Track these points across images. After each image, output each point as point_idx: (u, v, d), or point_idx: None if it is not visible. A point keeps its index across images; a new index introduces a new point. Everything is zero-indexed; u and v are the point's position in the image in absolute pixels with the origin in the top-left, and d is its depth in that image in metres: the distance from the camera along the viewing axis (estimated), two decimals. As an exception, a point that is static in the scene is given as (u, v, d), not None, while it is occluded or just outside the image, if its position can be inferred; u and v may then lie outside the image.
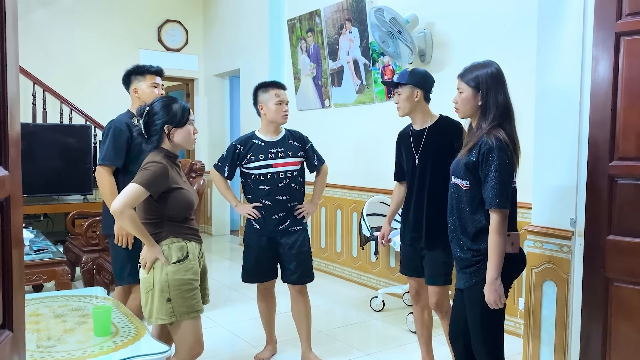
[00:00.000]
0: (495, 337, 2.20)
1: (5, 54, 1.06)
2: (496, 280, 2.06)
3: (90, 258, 4.49)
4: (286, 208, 3.04)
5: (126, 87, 3.11)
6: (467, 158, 2.14)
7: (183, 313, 2.24)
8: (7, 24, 1.07)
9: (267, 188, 3.01)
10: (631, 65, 2.23)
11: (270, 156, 3.02)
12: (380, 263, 4.77)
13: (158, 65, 3.11)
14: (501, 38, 3.67)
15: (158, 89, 3.06)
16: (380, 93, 4.67)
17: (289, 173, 3.03)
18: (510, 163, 2.07)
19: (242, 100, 6.82)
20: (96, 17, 6.86)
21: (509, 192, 2.07)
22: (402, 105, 2.76)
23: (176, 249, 2.26)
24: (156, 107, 2.29)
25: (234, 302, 4.49)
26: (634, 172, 2.23)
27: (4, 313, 1.09)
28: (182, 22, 7.44)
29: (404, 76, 2.75)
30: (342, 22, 4.94)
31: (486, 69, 2.16)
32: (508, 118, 2.12)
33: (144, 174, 2.17)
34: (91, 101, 6.60)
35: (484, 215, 2.12)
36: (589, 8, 2.36)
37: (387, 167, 4.66)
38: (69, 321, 2.47)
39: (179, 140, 2.31)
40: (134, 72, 3.07)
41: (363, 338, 3.75)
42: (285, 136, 3.11)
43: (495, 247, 2.06)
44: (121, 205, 2.11)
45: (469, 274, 2.18)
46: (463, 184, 2.18)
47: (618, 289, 2.30)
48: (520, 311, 3.50)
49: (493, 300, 2.08)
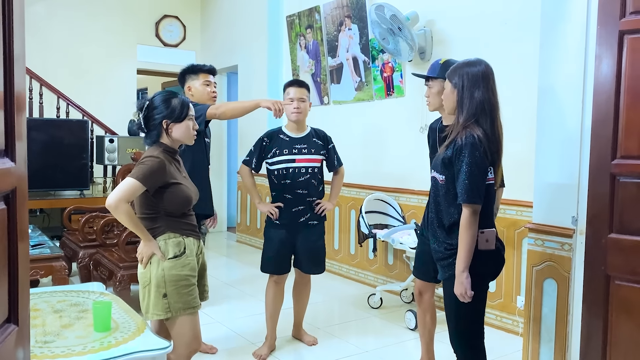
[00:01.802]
0: (469, 331, 2.22)
1: (12, 46, 1.05)
2: (463, 273, 2.07)
3: (87, 254, 4.47)
4: (305, 202, 3.17)
5: (181, 85, 3.27)
6: (444, 153, 2.17)
7: (179, 309, 2.22)
8: (15, 19, 1.06)
9: (288, 182, 3.15)
10: (634, 64, 2.22)
11: (294, 151, 3.16)
12: (378, 260, 4.76)
13: (211, 64, 3.30)
14: (502, 36, 3.67)
15: (210, 87, 3.26)
16: (380, 90, 4.66)
17: (310, 169, 3.17)
18: (483, 160, 2.07)
19: (240, 97, 6.80)
20: (94, 12, 6.82)
21: (480, 189, 2.08)
22: (433, 99, 2.73)
23: (173, 245, 2.25)
24: (156, 101, 2.28)
25: (231, 298, 4.48)
26: (636, 170, 2.23)
27: (10, 307, 1.08)
28: (179, 17, 7.42)
29: (435, 69, 2.70)
30: (341, 18, 4.92)
31: (469, 67, 2.17)
32: (484, 115, 2.12)
33: (141, 168, 2.16)
34: (88, 96, 6.57)
35: (457, 209, 2.14)
36: (592, 6, 2.36)
37: (386, 164, 4.68)
38: (68, 316, 2.46)
39: (178, 135, 2.30)
40: (188, 71, 3.26)
41: (361, 335, 3.74)
42: (310, 133, 3.25)
43: (463, 241, 2.08)
44: (116, 199, 2.10)
45: (443, 267, 2.22)
46: (440, 178, 2.21)
47: (619, 287, 2.30)
48: (519, 309, 3.51)
49: (459, 293, 2.09)
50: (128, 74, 7.11)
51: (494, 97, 2.15)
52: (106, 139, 5.94)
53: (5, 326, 1.06)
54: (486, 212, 2.14)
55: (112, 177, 6.31)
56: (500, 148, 2.16)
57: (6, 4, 1.03)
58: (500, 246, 2.21)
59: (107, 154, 5.91)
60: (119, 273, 3.87)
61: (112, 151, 5.92)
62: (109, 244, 4.44)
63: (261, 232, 6.68)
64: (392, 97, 4.58)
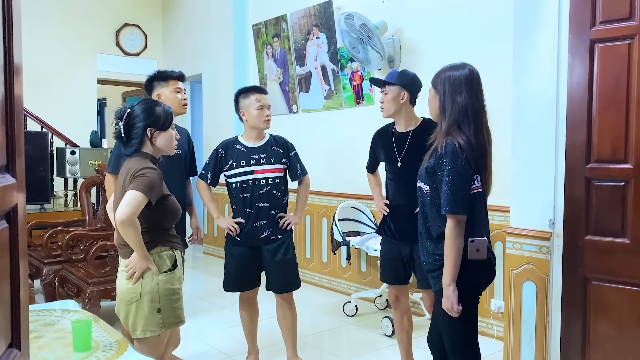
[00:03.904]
0: (465, 342, 2.14)
1: (12, 59, 1.01)
2: (449, 287, 2.01)
3: (51, 270, 4.30)
4: (268, 215, 2.98)
5: (148, 93, 3.06)
6: (428, 162, 2.12)
7: (171, 324, 2.20)
8: (14, 32, 1.02)
9: (248, 196, 2.97)
10: (605, 71, 2.32)
11: (252, 162, 2.98)
12: (351, 268, 4.77)
13: (180, 71, 3.10)
14: (470, 44, 3.75)
15: (181, 94, 3.05)
16: (349, 99, 4.69)
17: (271, 180, 2.98)
18: (465, 168, 2.00)
19: (205, 106, 6.73)
20: (52, 20, 6.63)
21: (463, 198, 2.00)
22: (387, 105, 2.75)
23: (166, 258, 2.21)
24: (137, 109, 2.22)
25: (202, 311, 4.41)
26: (610, 173, 2.32)
27: (12, 331, 1.03)
28: (140, 26, 7.29)
29: (393, 76, 2.72)
30: (309, 27, 4.94)
31: (452, 71, 2.12)
32: (467, 120, 2.05)
33: (142, 180, 2.09)
34: (47, 107, 6.36)
35: (443, 220, 2.06)
36: (564, 15, 2.44)
37: (357, 172, 4.68)
38: (44, 337, 2.36)
39: (162, 144, 2.25)
40: (156, 78, 3.04)
41: (338, 344, 3.74)
42: (268, 142, 3.06)
43: (448, 252, 2.01)
44: (129, 214, 2.04)
45: (433, 278, 2.16)
46: (425, 188, 2.14)
47: (596, 288, 2.38)
48: (493, 312, 3.58)
49: (446, 308, 2.03)
50: (88, 84, 6.93)
51: (478, 102, 2.07)
52: (67, 150, 5.77)
53: (8, 351, 1.01)
54: (477, 220, 2.08)
55: (73, 190, 6.12)
56: (488, 154, 2.11)
57: (6, 19, 0.99)
58: (492, 257, 2.14)
59: (69, 166, 5.74)
60: (88, 289, 3.74)
61: (73, 163, 5.75)
62: (75, 259, 4.29)
63: (229, 242, 6.63)
64: (361, 105, 4.61)
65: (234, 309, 4.26)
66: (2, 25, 0.97)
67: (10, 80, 1.00)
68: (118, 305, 2.33)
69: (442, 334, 2.18)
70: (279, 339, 3.28)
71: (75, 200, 5.95)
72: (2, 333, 0.97)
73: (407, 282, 2.92)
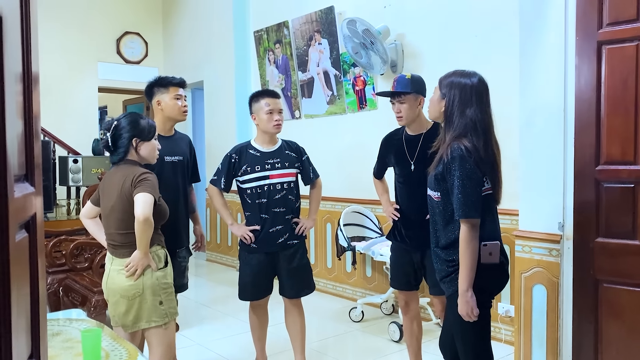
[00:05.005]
0: (478, 347, 2.12)
1: (31, 70, 1.00)
2: (467, 292, 1.99)
3: (55, 279, 4.29)
4: (284, 220, 2.97)
5: (149, 99, 3.05)
6: (436, 169, 2.10)
7: (173, 314, 2.43)
8: (32, 43, 1.02)
9: (264, 201, 2.94)
10: (613, 73, 2.32)
11: (267, 167, 2.96)
12: (356, 273, 4.76)
13: (181, 77, 3.08)
14: (473, 47, 3.75)
15: (181, 101, 3.02)
16: (352, 104, 4.69)
17: (286, 184, 2.98)
18: (474, 171, 1.99)
19: (207, 113, 6.72)
20: (53, 29, 6.62)
21: (476, 201, 1.98)
22: (407, 113, 2.68)
23: (161, 256, 2.44)
24: (124, 122, 2.42)
25: (207, 319, 4.38)
26: (620, 175, 2.31)
27: (32, 341, 1.02)
28: (141, 34, 7.29)
29: (406, 85, 2.66)
30: (311, 33, 4.94)
31: (462, 78, 2.08)
32: (476, 133, 2.02)
33: (148, 183, 2.30)
34: (49, 116, 6.32)
35: (454, 226, 2.06)
36: (570, 17, 2.44)
37: (361, 176, 4.68)
38: (52, 347, 2.34)
39: (145, 153, 2.46)
40: (156, 84, 3.01)
41: (345, 350, 3.72)
42: (281, 146, 3.05)
43: (464, 257, 1.99)
44: (148, 214, 2.25)
45: (446, 283, 2.14)
46: (435, 195, 2.12)
47: (607, 290, 2.37)
48: (500, 316, 3.56)
49: (465, 313, 2.01)
50: (89, 92, 6.92)
51: (487, 117, 2.05)
52: (70, 159, 5.76)
53: (29, 363, 1.00)
54: (489, 223, 2.07)
55: (76, 199, 6.10)
56: (498, 166, 2.09)
57: (25, 28, 0.99)
58: (505, 260, 2.12)
59: (72, 174, 5.73)
60: (94, 298, 3.73)
61: (76, 172, 5.74)
62: (79, 267, 4.27)
63: (232, 250, 6.60)
64: (365, 110, 4.61)
65: (238, 316, 4.25)
66: (20, 34, 0.97)
67: (29, 89, 0.99)
68: (115, 303, 2.44)
69: (455, 339, 2.16)
70: (285, 346, 3.26)
71: (78, 209, 5.93)
72: (24, 344, 0.96)
73: (417, 288, 2.90)
